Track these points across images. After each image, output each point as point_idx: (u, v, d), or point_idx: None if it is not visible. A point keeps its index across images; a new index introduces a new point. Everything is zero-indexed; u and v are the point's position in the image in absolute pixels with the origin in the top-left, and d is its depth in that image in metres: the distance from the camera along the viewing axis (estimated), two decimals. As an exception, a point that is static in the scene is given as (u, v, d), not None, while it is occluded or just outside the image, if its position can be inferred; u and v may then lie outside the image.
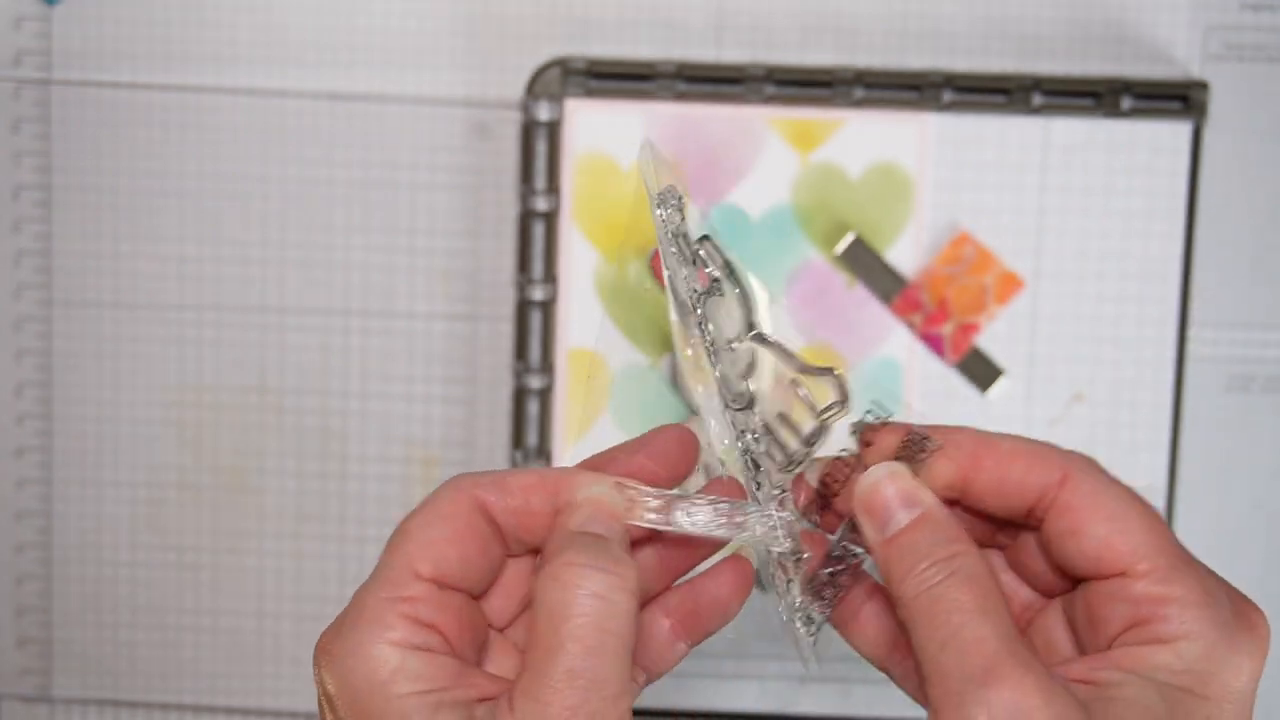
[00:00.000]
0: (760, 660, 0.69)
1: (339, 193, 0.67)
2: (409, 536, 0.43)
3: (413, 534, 0.43)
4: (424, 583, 0.42)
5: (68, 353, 0.68)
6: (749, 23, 0.67)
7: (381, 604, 0.42)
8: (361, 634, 0.41)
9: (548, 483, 0.45)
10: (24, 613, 0.69)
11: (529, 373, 0.67)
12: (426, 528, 0.43)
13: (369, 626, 0.41)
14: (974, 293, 0.67)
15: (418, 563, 0.42)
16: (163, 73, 0.67)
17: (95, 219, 0.68)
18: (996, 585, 0.42)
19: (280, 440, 0.69)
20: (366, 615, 0.42)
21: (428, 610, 0.42)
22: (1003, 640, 0.40)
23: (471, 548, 0.43)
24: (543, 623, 0.41)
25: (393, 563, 0.43)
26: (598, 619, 0.41)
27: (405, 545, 0.43)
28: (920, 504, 0.45)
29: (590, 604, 0.41)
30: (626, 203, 0.67)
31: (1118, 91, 0.66)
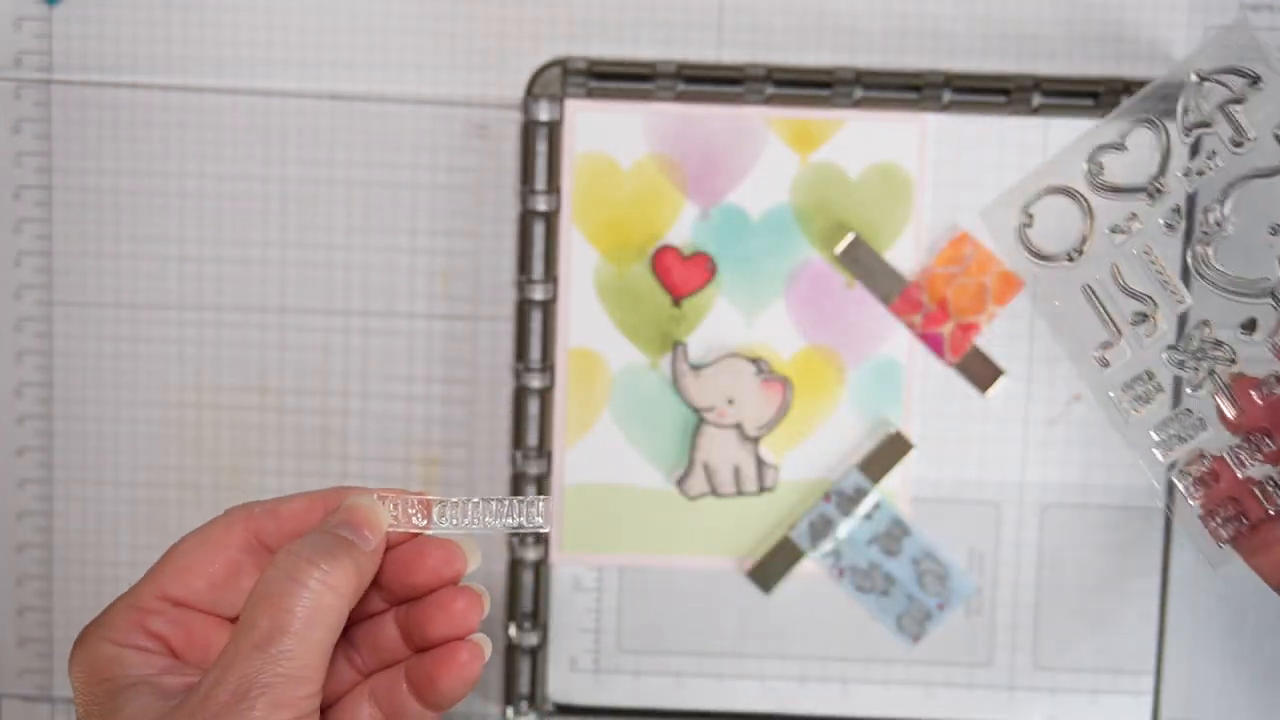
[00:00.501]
0: (760, 660, 0.69)
1: (339, 193, 0.67)
2: (171, 558, 0.48)
3: (175, 556, 0.48)
4: (164, 601, 0.47)
5: (68, 353, 0.68)
6: (749, 23, 0.67)
7: (120, 610, 0.47)
8: (95, 634, 0.47)
9: (318, 503, 0.49)
10: (25, 612, 0.69)
11: (529, 373, 0.67)
12: (188, 553, 0.48)
13: (101, 628, 0.47)
14: (974, 293, 0.67)
15: (167, 584, 0.48)
16: (163, 73, 0.67)
17: (96, 219, 0.68)
18: None
19: (280, 440, 0.69)
20: (104, 619, 0.47)
21: (159, 623, 0.47)
22: None
23: (224, 576, 0.48)
24: (249, 603, 0.45)
25: (148, 578, 0.48)
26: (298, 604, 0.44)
27: (164, 565, 0.48)
28: None
29: (295, 591, 0.45)
30: (626, 203, 0.67)
31: (1117, 92, 0.66)
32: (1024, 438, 0.68)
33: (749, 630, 0.69)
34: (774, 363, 0.68)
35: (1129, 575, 0.68)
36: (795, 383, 0.68)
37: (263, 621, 0.44)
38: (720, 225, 0.67)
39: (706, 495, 0.68)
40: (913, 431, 0.68)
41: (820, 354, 0.68)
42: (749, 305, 0.67)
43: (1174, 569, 0.68)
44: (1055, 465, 0.68)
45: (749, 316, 0.67)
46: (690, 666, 0.69)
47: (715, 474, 0.68)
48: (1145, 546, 0.68)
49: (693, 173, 0.67)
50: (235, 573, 0.48)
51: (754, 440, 0.68)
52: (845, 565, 0.68)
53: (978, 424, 0.68)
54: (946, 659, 0.69)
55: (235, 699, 0.43)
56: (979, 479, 0.68)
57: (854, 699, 0.69)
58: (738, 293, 0.67)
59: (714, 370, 0.67)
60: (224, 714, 0.43)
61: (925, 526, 0.68)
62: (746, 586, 0.68)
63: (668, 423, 0.68)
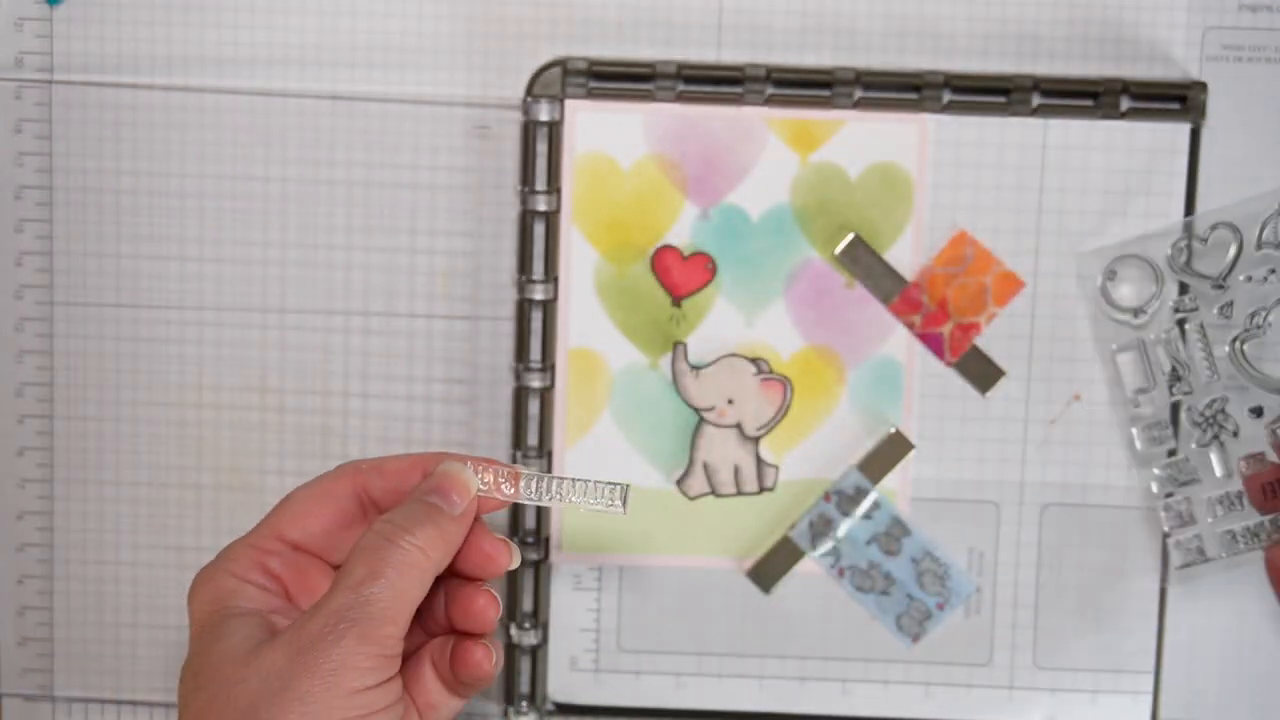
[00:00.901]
0: (760, 660, 0.69)
1: (340, 193, 0.68)
2: (288, 503, 0.54)
3: (290, 504, 0.54)
4: (281, 543, 0.53)
5: (69, 353, 0.68)
6: (749, 23, 0.67)
7: (241, 548, 0.53)
8: (218, 567, 0.52)
9: (418, 464, 0.54)
10: (25, 612, 0.69)
11: (529, 372, 0.67)
12: (302, 501, 0.54)
13: (225, 562, 0.52)
14: (973, 293, 0.67)
15: (285, 527, 0.53)
16: (164, 73, 0.67)
17: (97, 220, 0.68)
18: None
19: (281, 440, 0.69)
20: (227, 554, 0.53)
21: (277, 563, 0.53)
22: None
23: (336, 523, 0.54)
24: (349, 555, 0.50)
25: (267, 521, 0.53)
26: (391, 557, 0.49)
27: (281, 510, 0.54)
28: None
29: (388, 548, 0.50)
30: (626, 203, 0.67)
31: (1116, 92, 0.66)
32: (1024, 438, 0.68)
33: (749, 630, 0.69)
34: (774, 363, 0.68)
35: (1128, 575, 0.68)
36: (795, 383, 0.68)
37: (359, 569, 0.49)
38: (720, 225, 0.67)
39: (706, 495, 0.68)
40: (912, 431, 0.68)
41: (820, 354, 0.68)
42: (749, 305, 0.67)
43: (1173, 568, 0.68)
44: (1055, 465, 0.68)
45: (749, 316, 0.67)
46: (690, 666, 0.69)
47: (715, 474, 0.68)
48: (1145, 546, 0.68)
49: (693, 173, 0.67)
50: (344, 522, 0.53)
51: (754, 440, 0.68)
52: (845, 565, 0.68)
53: (977, 424, 0.68)
54: (946, 659, 0.69)
55: (326, 629, 0.48)
56: (979, 479, 0.68)
57: (854, 699, 0.69)
58: (738, 293, 0.67)
59: (714, 370, 0.68)
60: (317, 642, 0.48)
61: (925, 526, 0.68)
62: (746, 586, 0.68)
63: (668, 423, 0.68)
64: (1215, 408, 0.65)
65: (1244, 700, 0.69)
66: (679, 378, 0.68)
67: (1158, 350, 0.65)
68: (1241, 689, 0.69)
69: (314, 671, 0.47)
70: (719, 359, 0.68)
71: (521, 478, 0.54)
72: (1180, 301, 0.65)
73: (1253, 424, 0.65)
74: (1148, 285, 0.66)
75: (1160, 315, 0.66)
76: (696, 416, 0.68)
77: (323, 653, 0.48)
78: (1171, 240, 0.65)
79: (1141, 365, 0.66)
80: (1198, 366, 0.65)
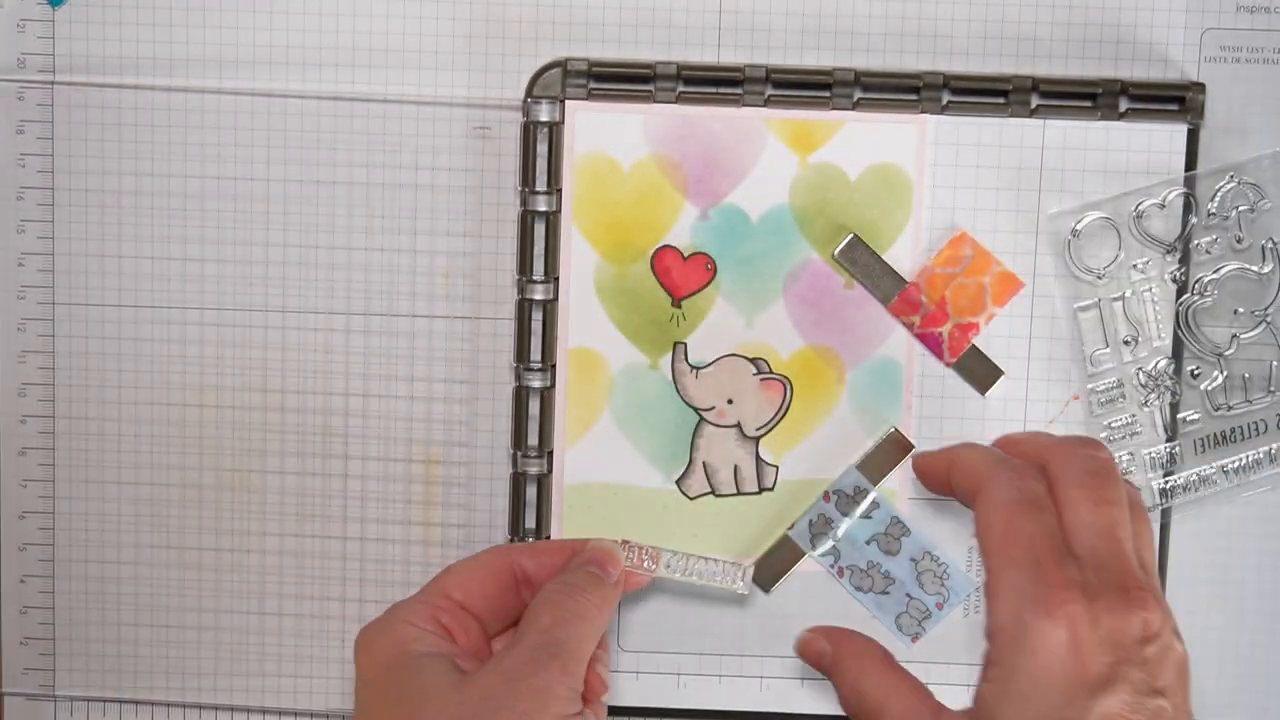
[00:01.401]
0: (760, 660, 0.69)
1: (341, 193, 0.68)
2: (450, 571, 0.59)
3: (453, 571, 0.59)
4: (450, 600, 0.57)
5: (71, 353, 0.69)
6: (749, 24, 0.67)
7: (413, 603, 0.57)
8: (392, 618, 0.56)
9: (566, 546, 0.60)
10: (27, 611, 0.70)
11: (529, 372, 0.67)
12: (464, 569, 0.59)
13: (400, 614, 0.56)
14: (973, 293, 0.67)
15: (450, 588, 0.58)
16: (166, 75, 0.67)
17: (99, 220, 0.68)
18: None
19: (282, 440, 0.69)
20: (398, 609, 0.57)
21: (447, 618, 0.57)
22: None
23: (494, 590, 0.58)
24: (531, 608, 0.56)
25: (433, 584, 0.58)
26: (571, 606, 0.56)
27: (444, 576, 0.58)
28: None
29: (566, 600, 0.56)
30: (626, 203, 0.67)
31: (1115, 93, 0.66)
32: (1023, 438, 0.68)
33: (749, 630, 0.69)
34: (774, 363, 0.68)
35: (1127, 574, 0.68)
36: (795, 383, 0.68)
37: (545, 617, 0.55)
38: (720, 226, 0.67)
39: (706, 495, 0.68)
40: (912, 431, 0.68)
41: (819, 354, 0.68)
42: (749, 305, 0.68)
43: (1171, 567, 0.68)
44: (1054, 465, 0.68)
45: (749, 317, 0.68)
46: (690, 666, 0.69)
47: (715, 474, 0.68)
48: (1143, 546, 0.68)
49: (693, 173, 0.67)
50: (501, 589, 0.58)
51: (754, 440, 0.68)
52: (844, 564, 0.68)
53: (977, 424, 0.68)
54: (945, 658, 0.69)
55: (530, 661, 0.54)
56: (978, 479, 0.68)
57: None
58: (737, 293, 0.67)
59: (714, 370, 0.68)
60: (524, 670, 0.53)
61: (924, 526, 0.68)
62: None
63: (668, 423, 0.68)
64: (1160, 370, 0.66)
65: (1243, 699, 0.69)
66: (679, 378, 0.68)
67: (1114, 309, 0.66)
68: (1238, 687, 0.69)
69: (526, 696, 0.53)
70: (719, 359, 0.68)
71: (661, 555, 0.62)
72: (1137, 264, 0.67)
73: (1190, 387, 0.67)
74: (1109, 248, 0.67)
75: (1119, 277, 0.67)
76: (696, 416, 0.68)
77: (531, 679, 0.53)
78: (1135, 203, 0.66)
79: (1100, 325, 0.67)
80: (1150, 330, 0.66)
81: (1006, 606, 0.55)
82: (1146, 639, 0.54)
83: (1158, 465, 0.67)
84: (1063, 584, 0.54)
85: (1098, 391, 0.67)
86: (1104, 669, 0.53)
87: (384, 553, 0.69)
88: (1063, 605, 0.53)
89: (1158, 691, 0.53)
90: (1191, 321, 0.66)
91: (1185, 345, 0.67)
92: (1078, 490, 0.57)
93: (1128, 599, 0.54)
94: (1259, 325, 0.67)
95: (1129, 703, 0.53)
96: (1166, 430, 0.67)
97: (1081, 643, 0.53)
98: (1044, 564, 0.54)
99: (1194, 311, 0.66)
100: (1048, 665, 0.53)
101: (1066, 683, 0.53)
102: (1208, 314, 0.67)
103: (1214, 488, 0.67)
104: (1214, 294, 0.66)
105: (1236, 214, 0.66)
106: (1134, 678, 0.53)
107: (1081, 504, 0.56)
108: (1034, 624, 0.53)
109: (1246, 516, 0.68)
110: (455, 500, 0.69)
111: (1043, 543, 0.55)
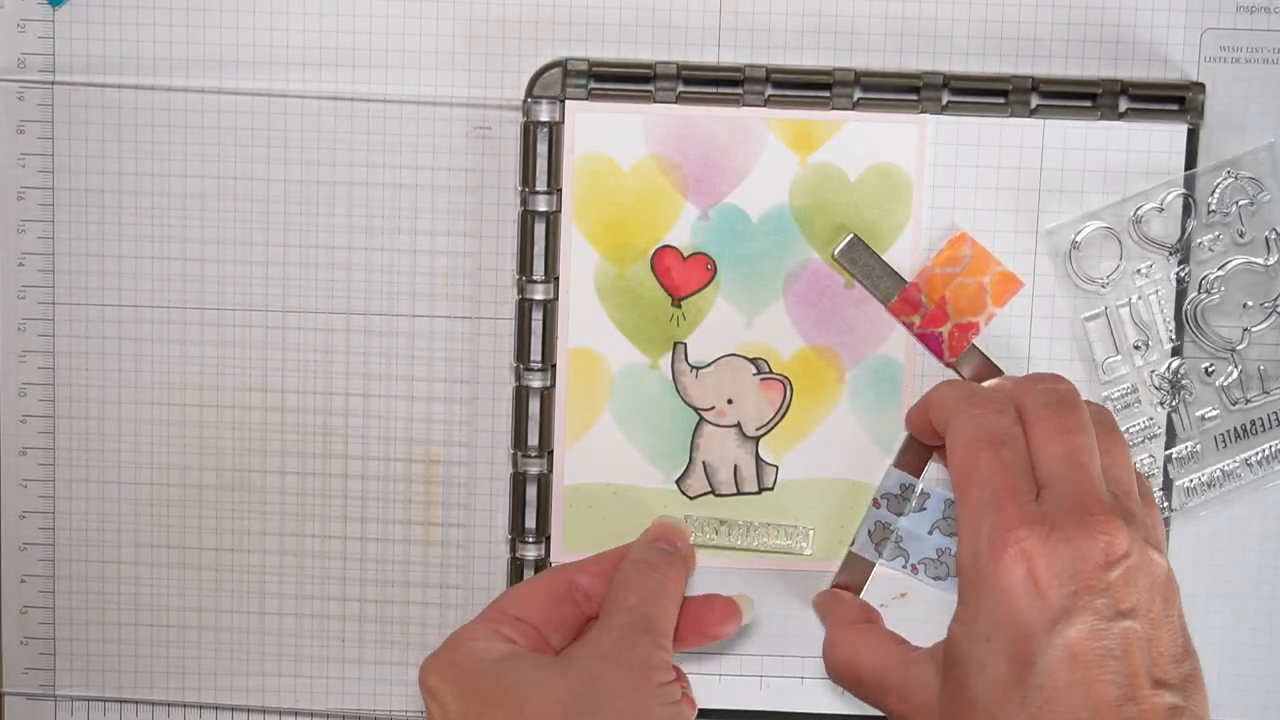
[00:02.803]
0: (760, 660, 0.69)
1: (341, 193, 0.68)
2: (509, 592, 0.60)
3: (508, 591, 0.60)
4: (508, 615, 0.58)
5: (71, 353, 0.69)
6: (749, 24, 0.67)
7: (476, 623, 0.58)
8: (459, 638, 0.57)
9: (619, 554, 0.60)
10: (28, 611, 0.70)
11: (529, 372, 0.67)
12: (519, 588, 0.60)
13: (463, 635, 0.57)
14: (972, 293, 0.67)
15: (507, 606, 0.59)
16: (166, 74, 0.67)
17: (99, 220, 0.68)
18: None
19: (282, 440, 0.69)
20: (461, 632, 0.57)
21: (510, 630, 0.58)
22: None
23: (550, 603, 0.59)
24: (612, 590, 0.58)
25: (493, 606, 0.59)
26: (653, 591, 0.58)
27: (504, 596, 0.60)
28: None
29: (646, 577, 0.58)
30: (627, 203, 0.67)
31: (1115, 93, 0.66)
32: (1023, 438, 0.68)
33: (749, 630, 0.69)
34: (773, 363, 0.68)
35: (1127, 574, 0.68)
36: (795, 382, 0.68)
37: (629, 597, 0.57)
38: (720, 226, 0.67)
39: (706, 495, 0.68)
40: (912, 431, 0.68)
41: (819, 354, 0.68)
42: (748, 305, 0.68)
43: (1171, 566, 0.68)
44: (1054, 465, 0.68)
45: (748, 317, 0.68)
46: (690, 666, 0.69)
47: (715, 473, 0.68)
48: (1143, 546, 0.68)
49: (693, 174, 0.67)
50: (557, 602, 0.59)
51: (754, 440, 0.68)
52: (915, 561, 0.67)
53: (977, 424, 0.68)
54: (945, 658, 0.69)
55: (624, 638, 0.55)
56: (978, 479, 0.68)
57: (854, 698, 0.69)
58: (737, 293, 0.67)
59: (714, 370, 0.68)
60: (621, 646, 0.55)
61: (924, 526, 0.68)
62: (747, 586, 0.68)
63: (668, 423, 0.68)
64: (1174, 371, 0.67)
65: (1241, 699, 0.69)
66: (679, 378, 0.68)
67: (1121, 315, 0.67)
68: (1238, 687, 0.69)
69: (628, 669, 0.54)
70: (719, 359, 0.68)
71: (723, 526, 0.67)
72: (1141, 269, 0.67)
73: (1206, 385, 0.67)
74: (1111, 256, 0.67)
75: (1123, 283, 0.67)
76: (696, 416, 0.68)
77: (629, 654, 0.55)
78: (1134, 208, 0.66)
79: (1109, 332, 0.67)
80: (1160, 333, 0.67)
81: (967, 548, 0.56)
82: (1110, 562, 0.54)
83: (1180, 464, 0.68)
84: (1018, 522, 0.54)
85: (1113, 399, 0.67)
86: (1063, 599, 0.53)
87: (384, 553, 0.69)
88: (1017, 543, 0.54)
89: (1124, 614, 0.54)
90: (1201, 320, 0.66)
91: (1197, 343, 0.67)
92: (1039, 423, 0.58)
93: (1087, 525, 0.54)
94: (1269, 316, 0.67)
95: (1092, 629, 0.53)
96: (1185, 429, 0.67)
97: (1038, 577, 0.53)
98: (1000, 503, 0.55)
99: (1202, 310, 0.66)
100: (1007, 603, 0.54)
101: (1027, 618, 0.53)
102: (1216, 311, 0.67)
103: (1238, 481, 0.68)
104: (1221, 290, 0.66)
105: (1237, 209, 0.66)
106: (1096, 604, 0.53)
107: (1043, 434, 0.57)
108: (990, 565, 0.54)
109: (1247, 516, 0.69)
110: (455, 500, 0.69)
111: (1000, 480, 0.56)
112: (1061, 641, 0.53)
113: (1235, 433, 0.67)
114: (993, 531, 0.55)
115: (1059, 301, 0.67)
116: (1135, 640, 0.53)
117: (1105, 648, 0.53)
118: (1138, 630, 0.54)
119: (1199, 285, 0.67)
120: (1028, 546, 0.54)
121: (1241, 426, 0.67)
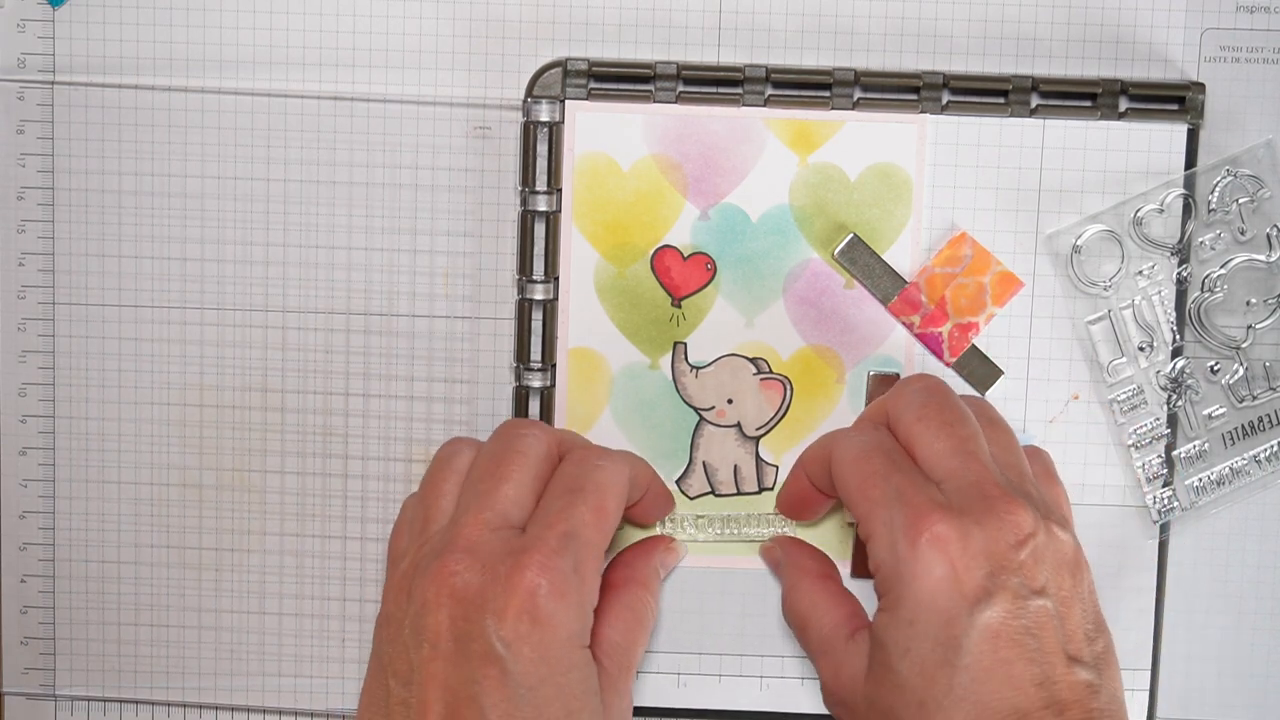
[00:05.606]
0: (760, 660, 0.69)
1: (341, 193, 0.68)
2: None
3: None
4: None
5: (71, 353, 0.69)
6: (748, 24, 0.67)
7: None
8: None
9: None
10: (27, 611, 0.70)
11: (529, 372, 0.67)
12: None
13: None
14: (972, 293, 0.67)
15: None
16: (166, 74, 0.67)
17: (99, 220, 0.68)
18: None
19: (282, 440, 0.69)
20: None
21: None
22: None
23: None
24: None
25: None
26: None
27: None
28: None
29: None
30: (626, 203, 0.67)
31: (1114, 93, 0.66)
32: (1023, 438, 0.68)
33: (749, 630, 0.69)
34: (773, 363, 0.68)
35: (1125, 572, 0.68)
36: (795, 382, 0.68)
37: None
38: (720, 226, 0.67)
39: (706, 495, 0.68)
40: (912, 431, 0.68)
41: (819, 354, 0.68)
42: (748, 305, 0.68)
43: (1170, 566, 0.68)
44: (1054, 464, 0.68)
45: (748, 316, 0.68)
46: (690, 666, 0.69)
47: (715, 473, 0.68)
48: (1142, 543, 0.68)
49: (692, 173, 0.67)
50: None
51: (754, 440, 0.68)
52: None
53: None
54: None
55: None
56: (978, 478, 0.68)
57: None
58: (737, 293, 0.68)
59: (714, 370, 0.68)
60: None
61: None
62: (747, 586, 0.69)
63: (668, 423, 0.68)
64: (1180, 372, 0.67)
65: (1242, 698, 0.69)
66: (679, 377, 0.68)
67: (1124, 317, 0.67)
68: (1239, 687, 0.69)
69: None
70: (719, 359, 0.68)
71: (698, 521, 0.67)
72: (1142, 271, 0.67)
73: (1212, 383, 0.67)
74: (1112, 259, 0.67)
75: (1124, 286, 0.67)
76: (696, 416, 0.68)
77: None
78: (1134, 211, 0.67)
79: (1114, 335, 0.67)
80: (1163, 334, 0.67)
81: (882, 543, 0.56)
82: (1020, 542, 0.55)
83: (1188, 463, 0.68)
84: (929, 508, 0.55)
85: (1119, 401, 0.67)
86: (981, 581, 0.54)
87: (384, 552, 0.69)
88: (931, 528, 0.55)
89: (1036, 592, 0.54)
90: (1204, 319, 0.67)
91: (1202, 342, 0.67)
92: (918, 423, 0.58)
93: (992, 508, 0.55)
94: (1272, 313, 0.67)
95: (1008, 610, 0.54)
96: (1193, 428, 0.67)
97: (955, 561, 0.54)
98: (906, 495, 0.56)
99: (1206, 308, 0.66)
100: (928, 588, 0.54)
101: (948, 602, 0.54)
102: (1220, 309, 0.67)
103: (1247, 479, 0.68)
104: (1223, 288, 0.66)
105: (1237, 207, 0.66)
106: (1011, 584, 0.54)
107: (927, 433, 0.58)
108: (908, 553, 0.55)
109: (1246, 516, 0.69)
110: (455, 500, 0.69)
111: (899, 477, 0.57)
112: (983, 622, 0.54)
113: (1242, 430, 0.67)
114: (905, 522, 0.55)
115: (1061, 304, 0.67)
116: (1048, 618, 0.54)
117: (1022, 626, 0.54)
118: (1050, 608, 0.55)
119: (1201, 284, 0.67)
120: (941, 531, 0.54)
121: (1249, 424, 0.67)
